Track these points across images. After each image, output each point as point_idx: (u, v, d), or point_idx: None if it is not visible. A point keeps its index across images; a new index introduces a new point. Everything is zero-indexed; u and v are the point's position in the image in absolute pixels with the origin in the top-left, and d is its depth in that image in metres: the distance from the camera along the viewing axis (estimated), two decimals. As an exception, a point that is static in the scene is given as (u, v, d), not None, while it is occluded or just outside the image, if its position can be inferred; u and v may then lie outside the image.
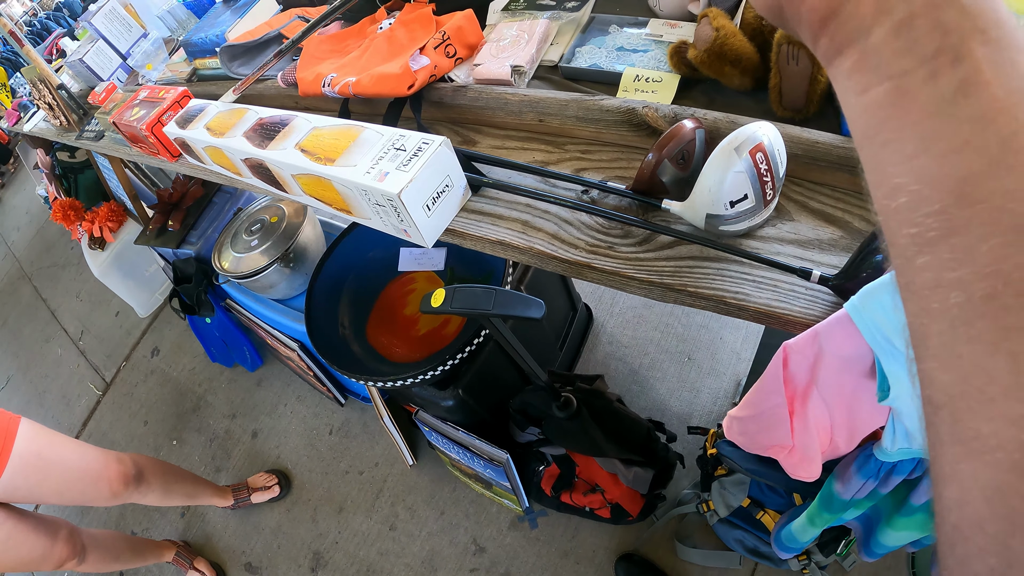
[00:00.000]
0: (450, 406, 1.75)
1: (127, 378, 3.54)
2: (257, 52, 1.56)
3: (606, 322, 2.59)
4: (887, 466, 0.91)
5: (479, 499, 2.35)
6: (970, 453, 0.26)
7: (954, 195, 0.26)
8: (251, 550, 2.61)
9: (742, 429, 0.97)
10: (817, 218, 0.85)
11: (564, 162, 1.07)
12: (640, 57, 1.09)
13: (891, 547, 1.13)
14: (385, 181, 0.91)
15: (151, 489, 2.09)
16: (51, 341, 4.12)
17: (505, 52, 1.17)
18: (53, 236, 4.89)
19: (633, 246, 0.90)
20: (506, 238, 0.98)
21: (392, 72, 1.16)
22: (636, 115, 0.97)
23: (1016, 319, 0.25)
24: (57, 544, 1.90)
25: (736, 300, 0.80)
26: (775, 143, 0.77)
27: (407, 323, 1.89)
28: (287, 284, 2.26)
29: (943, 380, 0.27)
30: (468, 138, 1.20)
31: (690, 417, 2.25)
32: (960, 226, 0.26)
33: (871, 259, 0.70)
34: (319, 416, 2.86)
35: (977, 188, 0.26)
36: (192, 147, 1.36)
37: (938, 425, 0.28)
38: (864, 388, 0.80)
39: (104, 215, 3.23)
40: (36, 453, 1.73)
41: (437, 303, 1.11)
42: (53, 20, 3.07)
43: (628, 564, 2.02)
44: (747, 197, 0.79)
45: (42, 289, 4.56)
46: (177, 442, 3.11)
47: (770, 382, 0.83)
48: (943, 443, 0.28)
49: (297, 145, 1.08)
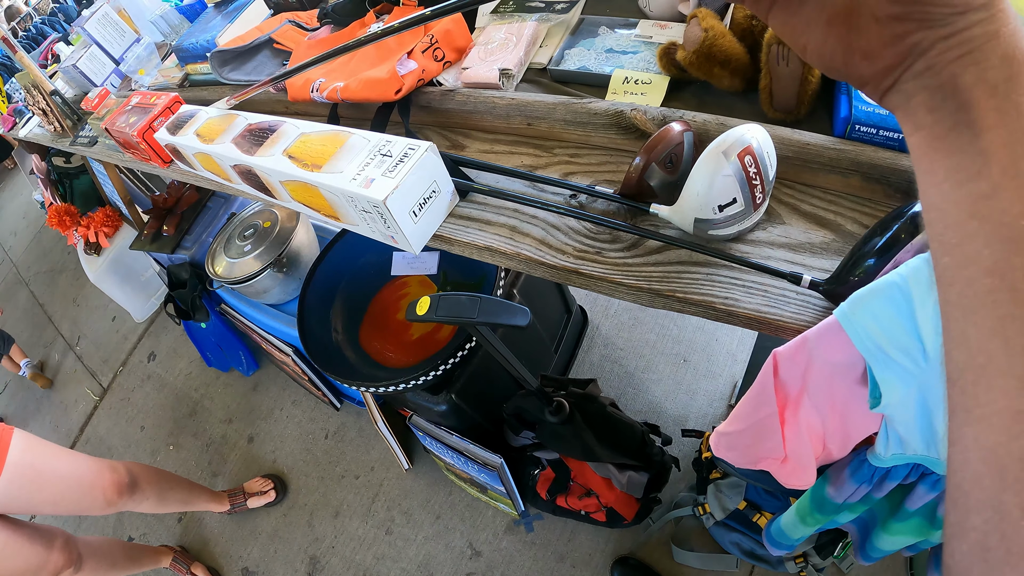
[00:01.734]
0: (444, 411, 1.74)
1: (124, 383, 3.54)
2: (247, 57, 1.55)
3: (601, 324, 2.59)
4: (881, 471, 0.90)
5: (475, 503, 2.35)
6: (971, 419, 0.33)
7: (967, 212, 0.34)
8: (248, 555, 2.60)
9: (731, 444, 0.96)
10: (808, 221, 0.84)
11: (552, 166, 1.06)
12: (630, 59, 1.08)
13: (887, 551, 1.12)
14: (371, 187, 0.90)
15: (146, 497, 2.08)
16: (48, 347, 4.11)
17: (494, 55, 1.16)
18: (49, 241, 4.89)
19: (621, 251, 0.89)
20: (494, 244, 0.97)
21: (380, 77, 1.16)
22: (625, 118, 0.96)
23: (1008, 310, 0.32)
24: (53, 553, 1.89)
25: (725, 306, 0.79)
26: (764, 146, 0.76)
27: (400, 328, 1.88)
28: (281, 289, 2.25)
29: (956, 358, 0.34)
30: (456, 142, 1.19)
31: (686, 419, 2.25)
32: (970, 235, 0.34)
33: (863, 263, 0.69)
34: (315, 420, 2.85)
35: (983, 207, 0.33)
36: (183, 153, 1.35)
37: (953, 397, 0.34)
38: (856, 395, 0.79)
39: (99, 220, 3.23)
40: (29, 464, 1.73)
41: (422, 311, 1.11)
42: (48, 25, 3.06)
43: (624, 568, 2.01)
44: (736, 201, 0.78)
45: (39, 295, 4.56)
46: (174, 447, 3.10)
47: (761, 392, 0.82)
48: (954, 412, 0.34)
49: (285, 151, 1.07)
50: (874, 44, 0.38)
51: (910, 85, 0.37)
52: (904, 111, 0.38)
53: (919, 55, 0.36)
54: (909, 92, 0.37)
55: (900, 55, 0.37)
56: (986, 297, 0.33)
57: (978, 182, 0.33)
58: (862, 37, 0.38)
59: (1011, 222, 0.32)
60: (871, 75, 0.39)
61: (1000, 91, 0.33)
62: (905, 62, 0.37)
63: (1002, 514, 0.31)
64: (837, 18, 0.39)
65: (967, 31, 0.34)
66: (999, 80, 0.33)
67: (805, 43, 0.41)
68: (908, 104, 0.38)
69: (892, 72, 0.38)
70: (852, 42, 0.39)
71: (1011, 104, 0.33)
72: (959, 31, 0.34)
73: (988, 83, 0.34)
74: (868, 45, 0.38)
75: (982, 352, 0.32)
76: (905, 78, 0.37)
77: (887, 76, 0.38)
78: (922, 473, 0.89)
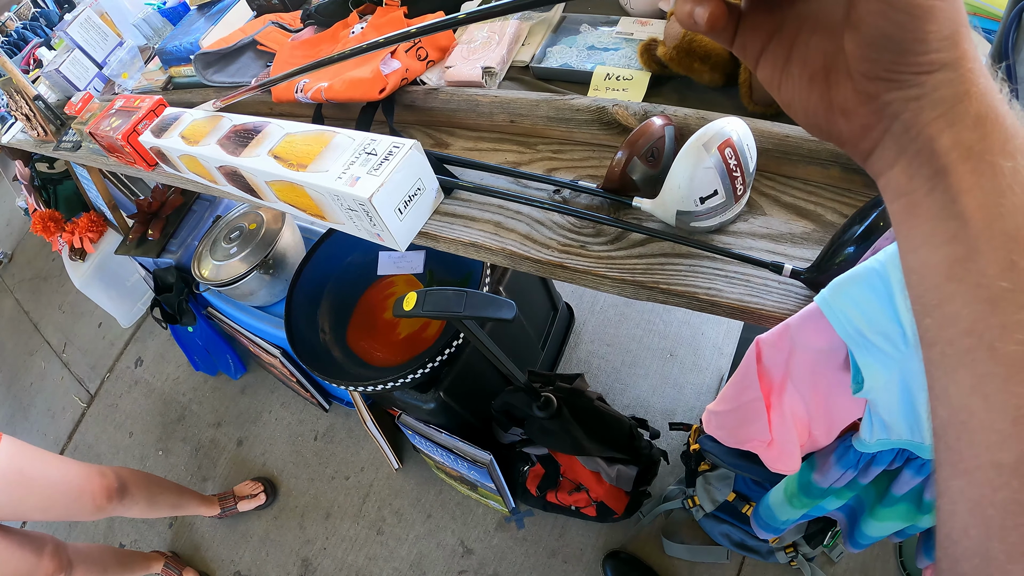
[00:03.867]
0: (432, 409, 1.75)
1: (111, 389, 3.51)
2: (231, 59, 1.56)
3: (587, 320, 2.60)
4: (866, 457, 0.91)
5: (465, 501, 2.35)
6: (957, 473, 0.34)
7: (944, 275, 0.35)
8: (240, 559, 2.60)
9: (720, 423, 0.97)
10: (789, 212, 0.85)
11: (536, 162, 1.06)
12: (611, 55, 1.09)
13: (875, 537, 1.13)
14: (356, 186, 0.91)
15: (135, 502, 2.07)
16: (35, 354, 4.08)
17: (476, 54, 1.17)
18: (34, 248, 4.85)
19: (605, 244, 0.90)
20: (479, 240, 0.98)
21: (364, 76, 1.16)
22: (607, 113, 0.97)
23: (986, 368, 0.32)
24: (43, 560, 1.88)
25: (708, 296, 0.80)
26: (744, 138, 0.77)
27: (387, 327, 1.88)
28: (267, 291, 2.25)
29: (940, 414, 0.35)
30: (440, 140, 1.19)
31: (673, 413, 2.26)
32: (948, 297, 0.35)
33: (843, 252, 0.71)
34: (304, 422, 2.85)
35: (960, 269, 0.34)
36: (168, 156, 1.35)
37: (939, 451, 0.36)
38: (839, 381, 0.80)
39: (84, 226, 3.21)
40: (18, 470, 1.72)
41: (409, 307, 1.11)
42: (30, 30, 3.04)
43: (616, 562, 2.02)
44: (717, 193, 0.79)
45: (24, 302, 4.52)
46: (163, 452, 3.09)
47: (745, 377, 0.83)
48: (941, 465, 0.35)
49: (270, 151, 1.08)
50: (851, 101, 0.39)
51: (890, 151, 0.39)
52: (886, 179, 0.39)
53: (894, 116, 0.37)
54: (889, 160, 0.39)
55: (875, 114, 0.38)
56: (965, 356, 0.34)
57: (954, 245, 0.34)
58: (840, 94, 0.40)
59: (988, 283, 0.33)
60: (850, 134, 0.40)
61: (975, 152, 0.34)
62: (882, 123, 0.38)
63: (989, 560, 0.32)
64: (818, 75, 0.41)
65: (938, 92, 0.35)
66: (974, 141, 0.34)
67: (790, 99, 0.43)
68: (889, 172, 0.39)
69: (870, 132, 0.39)
70: (832, 99, 0.40)
71: (986, 165, 0.34)
72: (930, 92, 0.35)
73: (963, 145, 0.35)
74: (845, 102, 0.39)
75: (964, 409, 0.34)
76: (885, 142, 0.39)
77: (866, 136, 0.40)
78: (907, 458, 0.90)
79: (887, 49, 0.35)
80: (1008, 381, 0.32)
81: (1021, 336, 0.32)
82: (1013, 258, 0.33)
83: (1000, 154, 0.34)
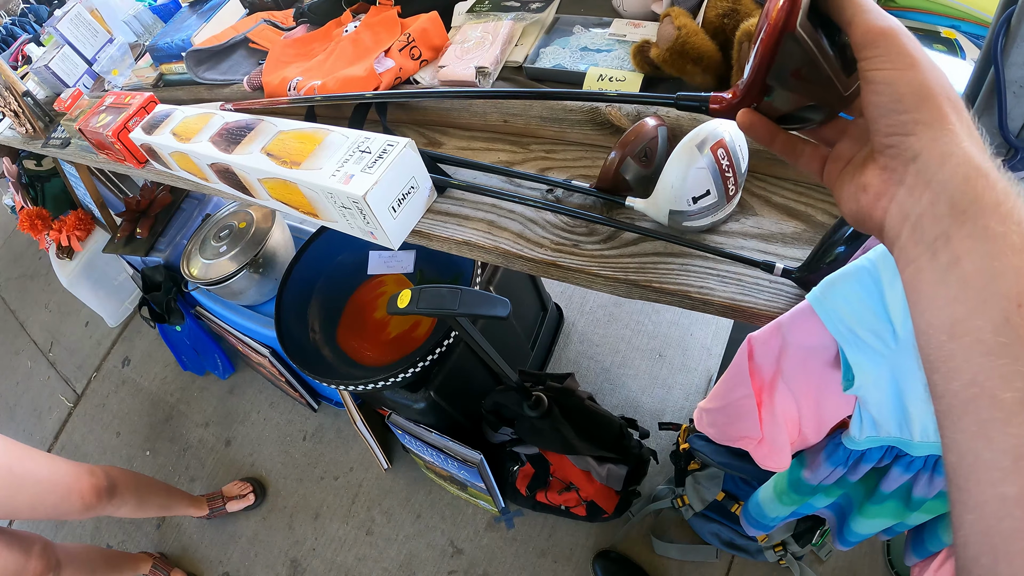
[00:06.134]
0: (422, 408, 1.75)
1: (98, 389, 3.49)
2: (223, 56, 1.55)
3: (577, 321, 2.60)
4: (856, 454, 0.92)
5: (455, 501, 2.35)
6: (968, 509, 0.37)
7: (947, 334, 0.39)
8: (228, 559, 2.59)
9: (711, 421, 0.98)
10: (780, 212, 0.86)
11: (529, 162, 1.07)
12: (604, 57, 1.09)
13: (864, 535, 1.14)
14: (350, 184, 0.91)
15: (124, 501, 2.06)
16: (20, 354, 4.05)
17: (470, 54, 1.17)
18: (21, 246, 4.81)
19: (598, 244, 0.91)
20: (472, 238, 0.98)
21: (357, 75, 1.16)
22: (600, 114, 0.98)
23: (989, 414, 0.36)
24: (31, 560, 1.87)
25: (700, 295, 0.81)
26: (736, 139, 0.78)
27: (377, 326, 1.88)
28: (256, 290, 2.25)
29: (950, 460, 0.39)
30: (434, 139, 1.20)
31: (662, 413, 2.27)
32: (951, 354, 0.38)
33: (833, 251, 0.72)
34: (292, 422, 2.84)
35: (960, 328, 0.38)
36: (159, 153, 1.35)
37: (952, 492, 0.39)
38: (830, 378, 0.81)
39: (72, 224, 3.19)
40: (6, 468, 1.71)
41: (403, 304, 1.11)
42: (19, 26, 3.02)
43: (605, 561, 2.02)
44: (709, 193, 0.80)
45: (10, 300, 4.49)
46: (151, 453, 3.07)
47: (736, 374, 0.84)
48: (954, 504, 0.38)
49: (263, 149, 1.08)
50: (867, 176, 0.46)
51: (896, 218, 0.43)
52: (899, 247, 0.43)
53: (898, 183, 0.43)
54: (897, 227, 0.43)
55: (885, 182, 0.44)
56: (969, 405, 0.37)
57: (955, 307, 0.38)
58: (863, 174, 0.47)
59: (987, 339, 0.36)
60: (868, 206, 0.46)
61: (969, 215, 0.39)
62: (889, 191, 0.44)
63: None
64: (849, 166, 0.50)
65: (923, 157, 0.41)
66: (966, 204, 0.39)
67: (840, 196, 0.50)
68: (899, 242, 0.43)
69: (880, 200, 0.45)
70: (857, 178, 0.48)
71: (979, 228, 0.38)
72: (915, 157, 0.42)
73: (958, 209, 0.39)
74: (864, 178, 0.47)
75: (970, 452, 0.37)
76: (891, 209, 0.44)
77: (877, 203, 0.45)
78: (896, 455, 0.91)
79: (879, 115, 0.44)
80: (1008, 424, 0.35)
81: (1019, 384, 0.35)
82: (1007, 316, 0.36)
83: (992, 217, 0.38)
